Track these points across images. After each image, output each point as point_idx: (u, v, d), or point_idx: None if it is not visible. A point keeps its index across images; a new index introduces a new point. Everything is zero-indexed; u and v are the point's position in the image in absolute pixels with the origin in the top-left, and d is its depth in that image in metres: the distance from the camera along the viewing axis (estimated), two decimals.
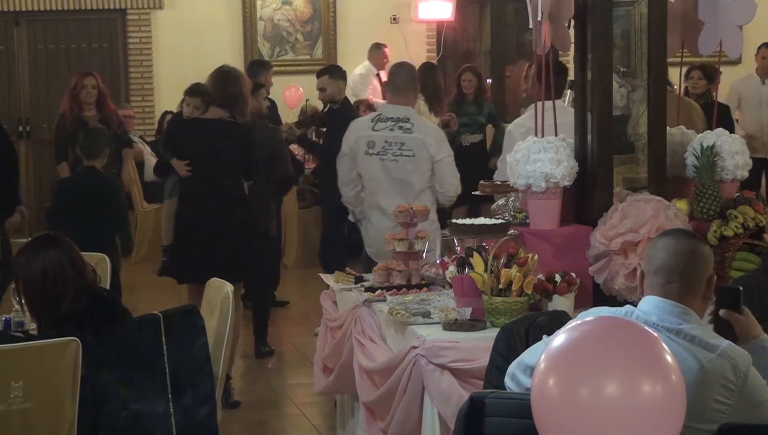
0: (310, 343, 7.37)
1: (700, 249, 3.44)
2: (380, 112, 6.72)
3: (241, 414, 6.77)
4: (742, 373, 3.25)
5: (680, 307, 3.36)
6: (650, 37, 5.52)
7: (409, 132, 6.53)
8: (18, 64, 12.62)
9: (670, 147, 5.63)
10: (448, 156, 6.66)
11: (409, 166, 6.54)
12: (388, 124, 6.58)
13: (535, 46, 5.51)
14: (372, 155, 6.58)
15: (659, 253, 3.43)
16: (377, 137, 6.57)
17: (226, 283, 4.94)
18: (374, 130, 6.59)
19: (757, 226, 5.32)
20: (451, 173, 6.65)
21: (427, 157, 6.53)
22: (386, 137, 6.56)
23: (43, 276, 4.37)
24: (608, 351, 2.67)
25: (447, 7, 13.08)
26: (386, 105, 6.83)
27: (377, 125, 6.61)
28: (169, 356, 4.41)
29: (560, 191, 5.32)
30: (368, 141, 6.60)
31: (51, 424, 4.11)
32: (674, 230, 3.58)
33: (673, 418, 2.65)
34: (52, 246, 4.45)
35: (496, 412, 3.23)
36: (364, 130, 6.66)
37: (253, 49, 12.76)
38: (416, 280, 5.34)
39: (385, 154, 6.56)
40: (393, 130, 6.55)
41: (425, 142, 6.54)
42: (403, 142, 6.52)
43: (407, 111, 6.63)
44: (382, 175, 6.57)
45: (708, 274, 3.43)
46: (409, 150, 6.52)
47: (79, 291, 4.40)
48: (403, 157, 6.54)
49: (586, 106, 5.48)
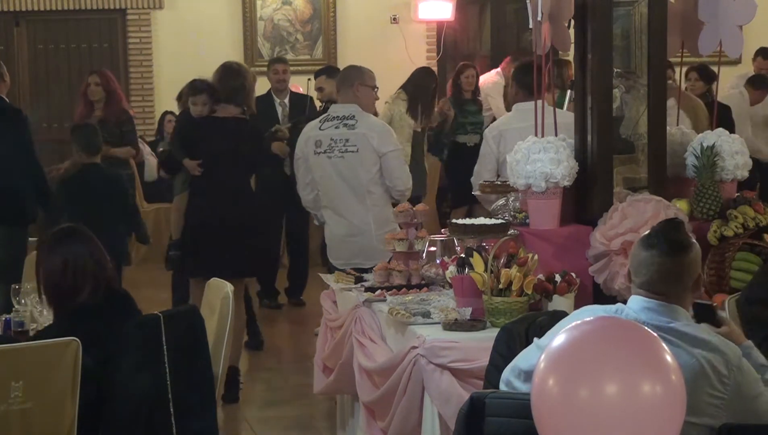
0: (310, 343, 7.38)
1: (683, 263, 3.41)
2: (328, 113, 6.85)
3: (241, 414, 6.77)
4: (735, 366, 3.27)
5: (668, 306, 3.38)
6: (650, 37, 5.52)
7: (353, 128, 6.65)
8: (18, 64, 12.61)
9: (670, 147, 5.63)
10: (394, 150, 6.72)
11: (354, 162, 6.61)
12: (333, 122, 6.71)
13: (535, 46, 5.51)
14: (320, 154, 6.70)
15: (642, 270, 3.42)
16: (323, 136, 6.69)
17: (226, 283, 4.94)
18: (321, 130, 6.75)
19: (757, 226, 5.32)
20: (397, 166, 6.70)
21: (371, 150, 6.61)
22: (332, 135, 6.68)
23: (63, 267, 4.41)
24: (608, 351, 2.67)
25: (447, 7, 13.07)
26: (334, 105, 6.92)
27: (324, 125, 6.76)
28: (169, 356, 4.41)
29: (560, 191, 5.32)
30: (315, 140, 6.73)
31: (51, 424, 4.11)
32: (657, 239, 3.47)
33: (673, 418, 2.65)
34: (74, 239, 4.49)
35: (496, 412, 3.23)
36: (312, 131, 6.80)
37: (253, 49, 12.76)
38: (416, 280, 5.34)
39: (331, 152, 6.66)
40: (338, 127, 6.68)
41: (368, 136, 6.63)
42: (348, 138, 6.64)
43: (352, 108, 6.73)
44: (331, 173, 6.67)
45: (695, 277, 3.44)
46: (353, 145, 6.62)
47: (98, 285, 4.43)
48: (349, 153, 6.63)
49: (586, 106, 5.48)
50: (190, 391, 4.50)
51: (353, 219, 6.62)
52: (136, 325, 4.43)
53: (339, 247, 6.71)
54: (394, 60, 12.58)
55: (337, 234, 6.71)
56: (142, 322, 4.46)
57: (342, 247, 6.67)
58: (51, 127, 12.39)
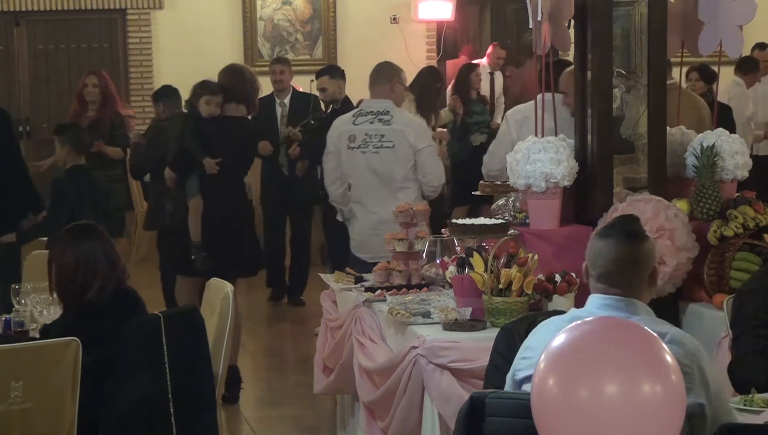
0: (311, 343, 7.38)
1: (639, 251, 3.39)
2: (361, 108, 6.83)
3: (241, 414, 6.77)
4: (695, 356, 3.26)
5: (625, 300, 3.36)
6: (650, 37, 5.52)
7: (389, 124, 6.64)
8: (18, 64, 12.60)
9: (670, 147, 5.63)
10: (428, 145, 6.76)
11: (389, 157, 6.60)
12: (368, 117, 6.70)
13: (535, 46, 5.51)
14: (354, 149, 6.68)
15: (599, 261, 3.41)
16: (357, 131, 6.68)
17: (226, 283, 4.94)
18: (355, 125, 6.72)
19: (757, 226, 5.32)
20: (432, 162, 6.72)
21: (407, 146, 6.60)
22: (366, 130, 6.66)
23: (75, 264, 4.42)
24: (608, 351, 2.67)
25: (447, 7, 13.06)
26: (366, 100, 6.90)
27: (357, 119, 6.73)
28: (169, 356, 4.41)
29: (560, 191, 5.32)
30: (349, 135, 6.71)
31: (51, 424, 4.11)
32: (613, 229, 3.46)
33: (673, 418, 2.65)
34: (88, 236, 4.50)
35: (496, 412, 3.23)
36: (346, 126, 6.78)
37: (253, 49, 12.75)
38: (416, 280, 5.34)
39: (366, 147, 6.65)
40: (373, 123, 6.66)
41: (404, 132, 6.63)
42: (383, 133, 6.62)
43: (387, 104, 6.73)
44: (364, 168, 6.66)
45: (651, 269, 3.41)
46: (389, 141, 6.61)
47: (108, 283, 4.44)
48: (384, 149, 6.62)
49: (586, 106, 5.48)
50: (190, 391, 4.50)
51: (384, 214, 6.58)
52: (136, 325, 4.43)
53: (368, 241, 6.64)
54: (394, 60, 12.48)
55: (367, 227, 6.67)
56: (142, 322, 4.46)
57: (371, 241, 6.60)
58: (51, 127, 12.37)
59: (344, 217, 6.95)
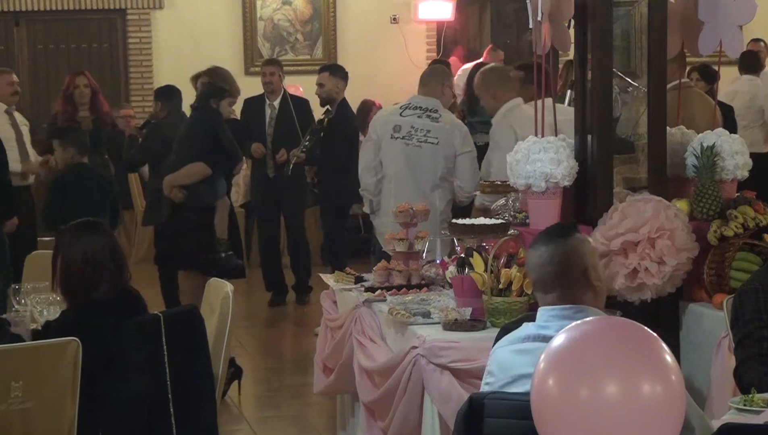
0: (310, 343, 7.38)
1: (562, 249, 3.39)
2: (409, 102, 6.82)
3: (241, 414, 6.77)
4: None
5: (571, 307, 3.35)
6: (650, 37, 5.51)
7: (437, 121, 6.68)
8: (18, 64, 12.60)
9: (670, 147, 5.63)
10: (471, 151, 6.80)
11: (431, 154, 6.61)
12: (416, 111, 6.73)
13: (535, 46, 5.51)
14: (397, 139, 6.69)
15: (531, 270, 3.45)
16: (404, 122, 6.69)
17: (226, 283, 4.94)
18: (402, 116, 6.72)
19: (757, 226, 5.32)
20: (471, 168, 6.77)
21: (451, 147, 6.64)
22: (413, 123, 6.68)
23: (83, 260, 4.42)
24: (608, 351, 2.67)
25: (447, 7, 13.07)
26: (415, 96, 6.89)
27: (405, 111, 6.76)
28: (169, 356, 4.41)
29: (560, 191, 5.32)
30: (395, 125, 6.71)
31: (51, 424, 4.11)
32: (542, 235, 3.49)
33: (673, 418, 2.65)
34: (97, 233, 4.51)
35: (496, 412, 3.23)
36: (392, 116, 6.79)
37: (253, 49, 12.76)
38: (416, 280, 5.34)
39: (410, 139, 6.67)
40: (421, 117, 6.69)
41: (452, 133, 6.69)
42: (430, 129, 6.64)
43: (435, 102, 6.78)
44: (403, 161, 6.65)
45: (584, 266, 3.39)
46: (435, 137, 6.63)
47: (113, 282, 4.45)
48: (428, 144, 6.64)
49: (586, 106, 5.48)
50: (190, 391, 4.50)
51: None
52: (137, 324, 4.43)
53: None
54: (394, 60, 12.59)
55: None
56: (142, 322, 4.46)
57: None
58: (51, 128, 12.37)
59: (371, 209, 6.95)
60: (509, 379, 3.41)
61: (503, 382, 3.43)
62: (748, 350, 4.13)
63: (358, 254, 9.50)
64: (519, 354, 3.42)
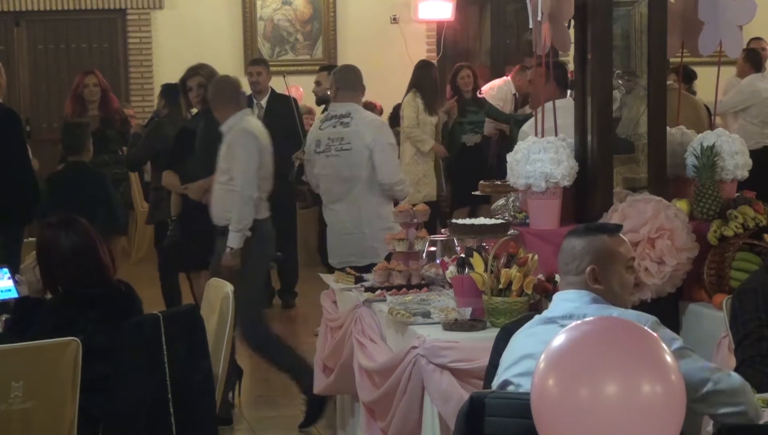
0: (311, 343, 7.37)
1: (573, 243, 3.55)
2: (327, 112, 6.83)
3: (242, 414, 6.76)
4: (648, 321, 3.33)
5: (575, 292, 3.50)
6: (650, 37, 5.52)
7: (347, 126, 6.66)
8: (18, 64, 12.61)
9: (670, 147, 5.63)
10: (382, 144, 6.66)
11: (350, 160, 6.62)
12: (331, 121, 6.74)
13: (535, 46, 5.51)
14: (320, 153, 6.72)
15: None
16: (322, 135, 6.74)
17: (226, 283, 4.94)
18: (320, 130, 6.77)
19: (757, 226, 5.32)
20: (384, 160, 6.63)
21: (364, 147, 6.59)
22: (329, 134, 6.71)
23: (72, 254, 4.43)
24: (608, 351, 2.67)
25: (447, 7, 13.07)
26: (333, 104, 6.89)
27: (323, 124, 6.81)
28: (168, 356, 4.41)
29: (560, 191, 5.32)
30: (316, 140, 6.76)
31: (51, 424, 4.11)
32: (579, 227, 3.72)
33: (673, 418, 2.65)
34: (81, 228, 4.51)
35: (496, 412, 3.23)
36: (314, 131, 6.87)
37: (253, 49, 12.75)
38: (416, 280, 5.33)
39: (329, 151, 6.68)
40: (335, 126, 6.70)
41: (362, 133, 6.62)
42: (342, 136, 6.66)
43: (351, 107, 6.73)
44: (330, 171, 6.68)
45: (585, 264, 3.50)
46: (348, 143, 6.64)
47: (98, 278, 4.45)
48: (344, 151, 6.62)
49: (586, 106, 5.48)
50: (190, 391, 4.50)
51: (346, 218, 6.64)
52: (136, 324, 4.43)
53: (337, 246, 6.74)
54: (394, 60, 12.59)
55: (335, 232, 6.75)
56: (142, 322, 4.46)
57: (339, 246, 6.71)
58: (51, 127, 12.39)
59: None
60: (514, 359, 3.50)
61: (508, 364, 3.52)
62: (748, 350, 4.13)
63: None
64: (527, 337, 3.53)
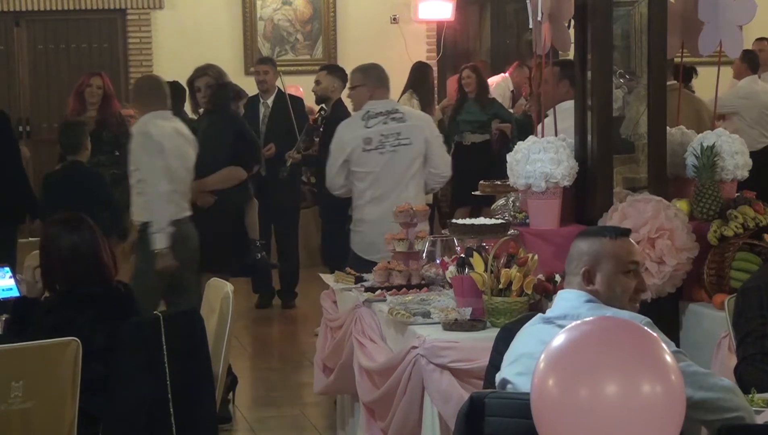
0: (311, 343, 7.37)
1: (575, 244, 3.63)
2: (368, 110, 6.76)
3: (241, 414, 6.77)
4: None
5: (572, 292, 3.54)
6: (650, 37, 5.52)
7: (402, 120, 6.64)
8: (18, 64, 12.60)
9: (670, 147, 5.63)
10: (439, 136, 6.84)
11: (408, 154, 6.60)
12: (379, 118, 6.67)
13: (535, 46, 5.52)
14: (370, 151, 6.64)
15: None
16: (372, 133, 6.65)
17: (226, 283, 4.94)
18: (368, 127, 6.68)
19: (757, 226, 5.32)
20: (443, 153, 6.81)
21: (423, 141, 6.62)
22: (381, 131, 6.64)
23: (72, 253, 4.42)
24: (608, 351, 2.67)
25: (447, 7, 13.06)
26: (370, 102, 6.83)
27: (369, 122, 6.70)
28: (168, 356, 4.41)
29: (560, 191, 5.32)
30: (364, 138, 6.67)
31: (51, 424, 4.11)
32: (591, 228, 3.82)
33: (672, 418, 2.65)
34: (86, 228, 4.52)
35: (496, 412, 3.23)
36: (357, 129, 6.72)
37: (253, 49, 12.75)
38: (416, 280, 5.33)
39: (383, 148, 6.63)
40: (386, 123, 6.64)
41: (420, 128, 6.66)
42: (399, 131, 6.61)
43: (393, 103, 6.79)
44: (383, 168, 6.62)
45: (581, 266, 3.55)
46: (406, 138, 6.61)
47: (99, 278, 4.45)
48: (402, 147, 6.61)
49: (586, 106, 5.48)
50: (190, 391, 4.50)
51: None
52: (136, 325, 4.43)
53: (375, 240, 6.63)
54: (394, 60, 12.56)
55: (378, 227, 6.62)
56: (142, 322, 4.46)
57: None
58: (51, 127, 12.38)
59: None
60: (513, 358, 3.52)
61: (508, 362, 3.54)
62: (750, 348, 4.13)
63: None
64: (527, 336, 3.55)
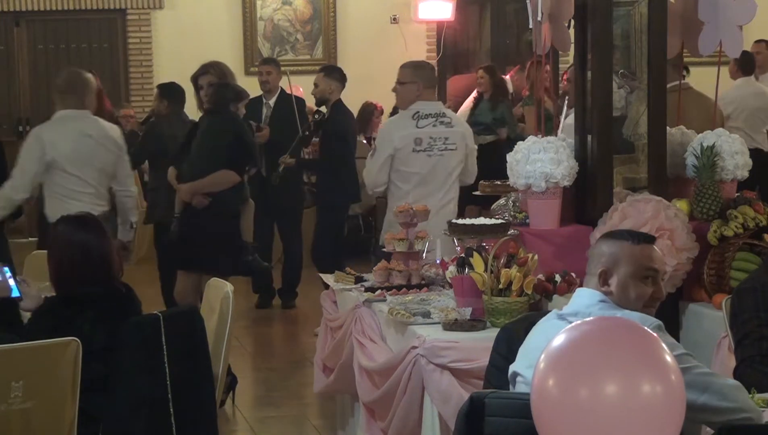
0: (311, 343, 7.38)
1: (598, 243, 3.63)
2: (417, 110, 6.72)
3: (241, 414, 6.77)
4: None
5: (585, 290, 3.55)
6: (650, 37, 5.52)
7: (450, 126, 6.67)
8: (18, 64, 12.62)
9: (670, 147, 5.63)
10: (475, 147, 6.91)
11: (453, 159, 6.63)
12: (429, 120, 6.68)
13: (535, 46, 5.52)
14: (419, 152, 6.65)
15: None
16: (423, 134, 6.65)
17: (226, 283, 4.94)
18: (418, 127, 6.67)
19: (757, 226, 5.32)
20: (474, 163, 6.86)
21: (465, 147, 6.68)
22: (431, 133, 6.65)
23: (80, 251, 4.43)
24: (608, 351, 2.67)
25: (447, 7, 13.06)
26: (419, 102, 6.79)
27: (420, 122, 6.69)
28: (168, 356, 4.41)
29: (560, 191, 5.32)
30: (415, 138, 6.66)
31: (51, 424, 4.11)
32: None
33: (673, 418, 2.65)
34: (94, 227, 4.53)
35: (496, 412, 3.23)
36: (409, 128, 6.67)
37: (253, 49, 12.76)
38: (416, 280, 5.33)
39: (431, 150, 6.65)
40: (436, 125, 6.66)
41: (465, 135, 6.72)
42: (447, 136, 6.64)
43: (440, 106, 6.81)
44: (428, 171, 6.63)
45: (598, 267, 3.55)
46: (453, 144, 6.64)
47: (102, 277, 4.45)
48: (448, 151, 6.64)
49: (586, 106, 5.48)
50: (190, 391, 4.50)
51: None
52: (136, 325, 4.43)
53: None
54: (394, 60, 12.53)
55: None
56: (142, 322, 4.46)
57: None
58: None
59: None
60: (525, 352, 3.51)
61: (520, 356, 3.54)
62: (748, 350, 4.13)
63: (358, 254, 9.49)
64: (540, 332, 3.53)
